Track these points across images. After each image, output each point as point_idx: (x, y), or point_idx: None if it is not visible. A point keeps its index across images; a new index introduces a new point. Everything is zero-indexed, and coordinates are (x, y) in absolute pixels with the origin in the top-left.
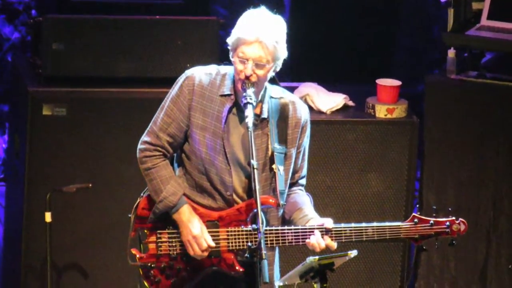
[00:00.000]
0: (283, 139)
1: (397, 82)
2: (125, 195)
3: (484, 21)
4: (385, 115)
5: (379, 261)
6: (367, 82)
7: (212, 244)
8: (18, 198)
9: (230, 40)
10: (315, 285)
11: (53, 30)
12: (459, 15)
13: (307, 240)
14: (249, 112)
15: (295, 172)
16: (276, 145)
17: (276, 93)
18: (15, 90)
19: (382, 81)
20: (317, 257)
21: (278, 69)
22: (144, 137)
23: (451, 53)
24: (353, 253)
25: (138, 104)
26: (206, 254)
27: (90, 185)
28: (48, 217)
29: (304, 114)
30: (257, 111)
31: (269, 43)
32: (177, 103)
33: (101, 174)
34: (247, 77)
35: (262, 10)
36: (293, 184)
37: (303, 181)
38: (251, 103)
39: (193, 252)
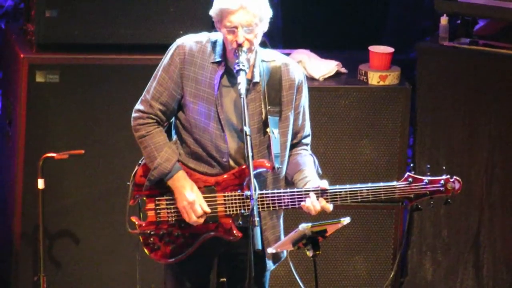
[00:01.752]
0: (277, 102)
1: (389, 49)
2: (118, 162)
3: None
4: (378, 82)
5: (372, 228)
6: (359, 49)
7: (208, 210)
8: (11, 164)
9: (213, 12)
10: (307, 252)
11: None
12: None
13: (302, 203)
14: (242, 79)
15: (296, 132)
16: (270, 108)
17: (268, 56)
18: (8, 57)
19: (374, 48)
20: (309, 224)
21: (266, 29)
22: (138, 106)
23: (443, 20)
24: (345, 220)
25: (131, 70)
26: (202, 220)
27: (83, 151)
28: (40, 183)
29: (298, 75)
30: (249, 76)
31: (253, 5)
32: (168, 72)
33: (94, 141)
34: (240, 45)
35: None
36: (297, 144)
37: (306, 140)
38: (243, 70)
39: (189, 218)
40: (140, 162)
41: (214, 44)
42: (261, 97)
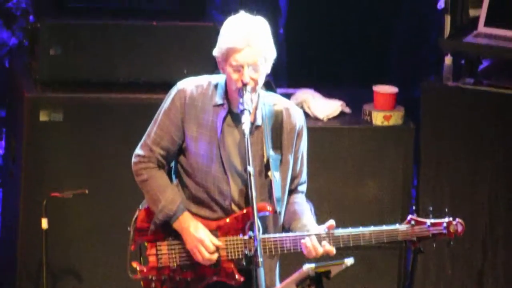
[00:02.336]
0: (278, 145)
1: (394, 89)
2: (121, 201)
3: (481, 27)
4: (382, 122)
5: (376, 266)
6: (363, 85)
7: (219, 243)
8: (15, 203)
9: (218, 52)
10: None
11: (51, 35)
12: (456, 22)
13: (302, 241)
14: (246, 119)
15: (294, 177)
16: (271, 152)
17: (270, 99)
18: (12, 95)
19: (379, 88)
20: (313, 265)
21: (269, 70)
22: (138, 151)
23: (447, 59)
24: (349, 261)
25: (134, 109)
26: (215, 257)
27: (87, 191)
28: (44, 223)
29: (299, 120)
30: (251, 118)
31: (259, 45)
32: (169, 116)
33: (98, 180)
34: (245, 84)
35: (243, 15)
36: (293, 190)
37: (302, 188)
38: (247, 110)
39: (202, 257)
40: (140, 207)
41: (215, 87)
42: (263, 140)
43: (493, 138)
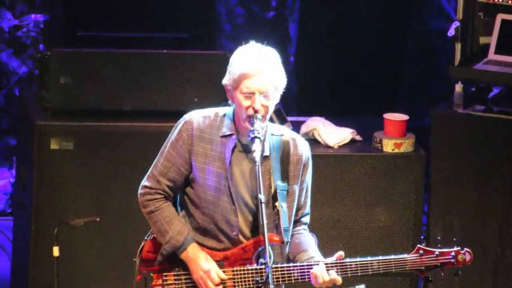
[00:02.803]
0: (285, 176)
1: (404, 117)
2: (132, 229)
3: (491, 55)
4: (393, 149)
5: None
6: (373, 114)
7: (225, 276)
8: (25, 231)
9: (228, 80)
10: None
11: (61, 64)
12: (466, 49)
13: (311, 270)
14: (257, 146)
15: (298, 209)
16: (279, 182)
17: (277, 130)
18: (22, 124)
19: (389, 116)
20: None
21: (278, 100)
22: (145, 182)
23: (458, 87)
24: (361, 287)
25: (145, 137)
26: None
27: (98, 219)
28: (56, 251)
29: (305, 151)
30: (260, 146)
31: (271, 71)
32: (176, 148)
33: (109, 208)
34: (256, 111)
35: (254, 44)
36: (297, 222)
37: (306, 219)
38: (258, 137)
39: None
40: (146, 237)
41: (222, 118)
42: (270, 171)
43: (504, 165)
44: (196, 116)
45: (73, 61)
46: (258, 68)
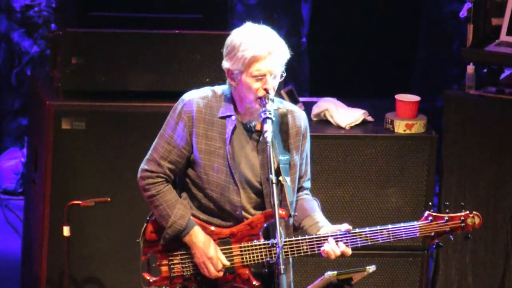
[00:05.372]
0: (286, 149)
1: (416, 98)
2: (143, 209)
3: (503, 36)
4: (404, 130)
5: (397, 276)
6: (386, 97)
7: (227, 263)
8: (37, 211)
9: (234, 64)
10: None
11: (73, 44)
12: (479, 31)
13: (322, 248)
14: (268, 127)
15: (300, 177)
16: (281, 157)
17: (274, 104)
18: (34, 104)
19: (401, 97)
20: (335, 272)
21: (284, 75)
22: (144, 166)
23: (470, 68)
24: (371, 268)
25: (157, 118)
26: (221, 274)
27: (109, 199)
28: (66, 231)
29: (303, 121)
30: (258, 127)
31: (280, 52)
32: (176, 130)
33: (120, 188)
34: (268, 91)
35: (252, 25)
36: (299, 188)
37: (307, 184)
38: (270, 118)
39: (209, 273)
40: (148, 218)
41: (220, 98)
42: (272, 147)
43: None
44: (195, 97)
45: (85, 41)
46: (268, 50)
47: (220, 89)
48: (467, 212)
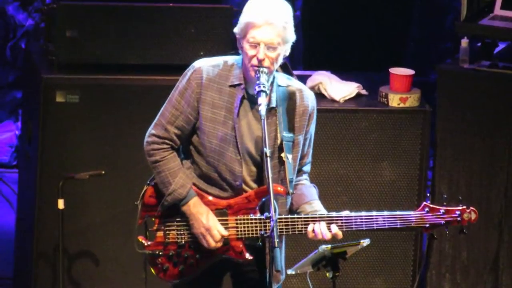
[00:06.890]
0: (291, 127)
1: (410, 71)
2: (137, 182)
3: (497, 10)
4: (398, 104)
5: (392, 250)
6: (379, 71)
7: (226, 233)
8: (31, 184)
9: (238, 28)
10: (327, 274)
11: (67, 16)
12: (472, 5)
13: (308, 227)
14: (262, 100)
15: (301, 158)
16: (285, 134)
17: (283, 81)
18: (28, 77)
19: (395, 70)
20: (329, 246)
21: (287, 53)
22: (152, 130)
23: (464, 42)
24: (365, 242)
25: (151, 91)
26: (220, 245)
27: (103, 172)
28: (60, 204)
29: (311, 102)
30: (266, 100)
31: (279, 24)
32: (185, 96)
33: (114, 161)
34: (260, 61)
35: None
36: (299, 171)
37: (307, 168)
38: (264, 91)
39: (207, 244)
40: (148, 182)
41: (231, 67)
42: (277, 122)
43: (509, 120)
44: (205, 65)
45: (79, 14)
46: (265, 19)
47: (232, 59)
48: (464, 207)
